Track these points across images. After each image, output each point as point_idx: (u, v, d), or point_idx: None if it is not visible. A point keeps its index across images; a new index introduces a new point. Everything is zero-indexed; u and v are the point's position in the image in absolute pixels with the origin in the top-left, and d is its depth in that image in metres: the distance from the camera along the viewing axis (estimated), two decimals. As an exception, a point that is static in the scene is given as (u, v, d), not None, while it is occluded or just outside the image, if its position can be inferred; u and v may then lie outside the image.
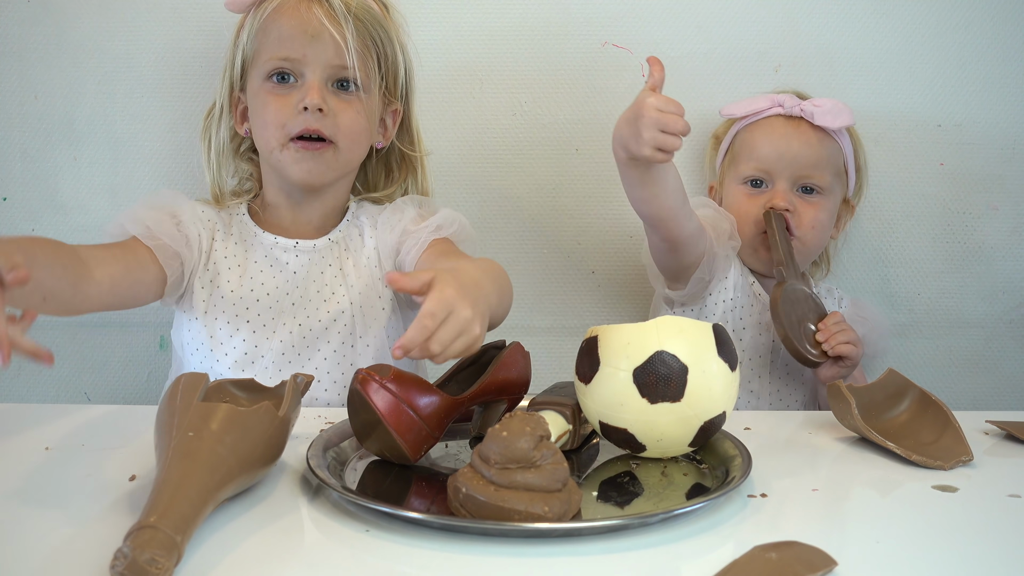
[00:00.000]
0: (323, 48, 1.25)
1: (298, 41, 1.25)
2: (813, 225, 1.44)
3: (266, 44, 1.28)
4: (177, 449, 0.81)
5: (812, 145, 1.44)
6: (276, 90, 1.27)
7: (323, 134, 1.26)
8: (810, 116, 1.44)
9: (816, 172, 1.44)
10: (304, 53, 1.25)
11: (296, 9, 1.27)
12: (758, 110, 1.47)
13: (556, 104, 1.57)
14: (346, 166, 1.32)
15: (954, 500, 0.94)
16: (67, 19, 1.51)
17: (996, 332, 1.64)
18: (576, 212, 1.59)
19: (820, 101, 1.45)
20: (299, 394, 0.98)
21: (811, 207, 1.45)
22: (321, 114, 1.25)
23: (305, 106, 1.24)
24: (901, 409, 1.13)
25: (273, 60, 1.27)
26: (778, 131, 1.45)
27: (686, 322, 1.00)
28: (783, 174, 1.44)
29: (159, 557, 0.71)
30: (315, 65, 1.26)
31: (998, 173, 1.61)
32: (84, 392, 1.59)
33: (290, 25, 1.26)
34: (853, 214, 1.54)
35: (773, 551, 0.78)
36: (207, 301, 1.29)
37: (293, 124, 1.26)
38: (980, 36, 1.58)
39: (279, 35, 1.27)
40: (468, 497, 0.83)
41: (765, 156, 1.45)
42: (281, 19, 1.27)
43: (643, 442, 1.00)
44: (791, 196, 1.44)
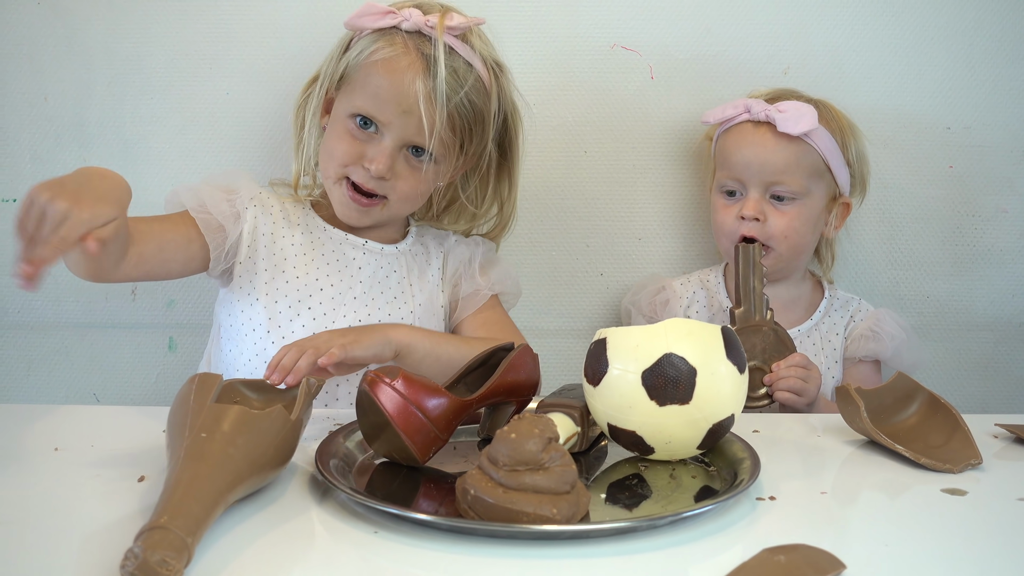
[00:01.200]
0: (408, 123, 1.26)
1: (389, 108, 1.26)
2: (787, 234, 1.43)
3: (362, 87, 1.28)
4: (189, 450, 0.82)
5: (779, 151, 1.42)
6: (354, 131, 1.28)
7: (376, 193, 1.29)
8: (774, 123, 1.42)
9: (786, 178, 1.42)
10: (391, 121, 1.26)
11: (401, 74, 1.25)
12: (729, 117, 1.46)
13: (565, 106, 1.57)
14: (391, 219, 1.35)
15: (963, 503, 0.94)
16: (77, 21, 1.51)
17: (1006, 335, 1.64)
18: (584, 214, 1.59)
19: (784, 105, 1.42)
20: (311, 397, 0.98)
21: (783, 216, 1.43)
22: (383, 180, 1.28)
23: (370, 169, 1.27)
24: (910, 412, 1.13)
25: (362, 109, 1.27)
26: (747, 138, 1.44)
27: (695, 324, 1.00)
28: (753, 181, 1.43)
29: (169, 558, 0.71)
30: (396, 134, 1.27)
31: (1008, 176, 1.61)
32: (93, 393, 1.59)
33: (388, 88, 1.25)
34: (850, 210, 1.51)
35: (782, 554, 0.78)
36: (269, 284, 1.30)
37: (353, 172, 1.28)
38: (990, 38, 1.58)
39: (376, 91, 1.26)
40: (476, 499, 0.83)
41: (735, 164, 1.44)
42: (384, 74, 1.26)
43: (651, 444, 1.00)
44: (763, 205, 1.43)
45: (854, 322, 1.50)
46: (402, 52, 1.26)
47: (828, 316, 1.51)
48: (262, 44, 1.53)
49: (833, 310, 1.52)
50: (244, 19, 1.53)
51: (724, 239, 1.47)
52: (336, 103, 1.32)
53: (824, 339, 1.49)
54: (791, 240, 1.44)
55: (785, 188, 1.42)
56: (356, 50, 1.29)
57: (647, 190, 1.60)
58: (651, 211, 1.60)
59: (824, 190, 1.46)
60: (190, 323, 1.57)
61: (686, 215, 1.60)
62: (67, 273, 1.54)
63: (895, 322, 1.50)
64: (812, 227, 1.46)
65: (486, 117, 1.31)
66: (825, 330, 1.50)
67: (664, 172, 1.59)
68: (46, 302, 1.56)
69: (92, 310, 1.56)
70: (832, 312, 1.52)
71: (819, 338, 1.49)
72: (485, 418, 1.09)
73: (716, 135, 1.50)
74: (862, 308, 1.52)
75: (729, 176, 1.45)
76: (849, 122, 1.48)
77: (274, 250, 1.32)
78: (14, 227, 0.91)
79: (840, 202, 1.48)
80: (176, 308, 1.58)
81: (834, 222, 1.49)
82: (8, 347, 1.58)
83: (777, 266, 1.46)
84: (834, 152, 1.45)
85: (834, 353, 1.49)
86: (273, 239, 1.33)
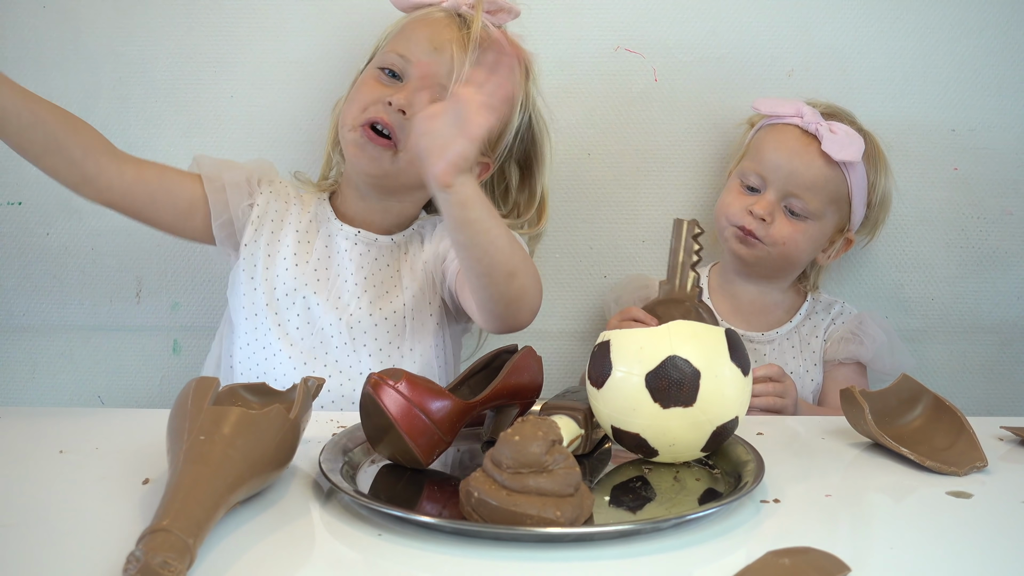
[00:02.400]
0: (439, 63, 1.27)
1: (421, 46, 1.28)
2: (786, 242, 1.42)
3: (397, 37, 1.32)
4: (189, 453, 0.82)
5: (812, 167, 1.41)
6: (381, 78, 1.30)
7: (392, 130, 1.27)
8: (821, 139, 1.41)
9: (807, 194, 1.41)
10: (419, 58, 1.28)
11: (437, 22, 1.30)
12: (780, 114, 1.45)
13: (568, 108, 1.57)
14: (401, 176, 1.31)
15: (968, 506, 0.94)
16: (83, 25, 1.52)
17: (1011, 337, 1.64)
18: (588, 216, 1.59)
19: (837, 127, 1.41)
20: (310, 397, 0.98)
21: (790, 225, 1.42)
22: (401, 115, 1.26)
23: (390, 101, 1.26)
24: (915, 415, 1.12)
25: (391, 54, 1.30)
26: (788, 142, 1.43)
27: (699, 327, 1.00)
28: (775, 184, 1.42)
29: (171, 560, 0.71)
30: (423, 75, 1.27)
31: (1013, 178, 1.61)
32: (98, 396, 1.60)
33: (422, 31, 1.30)
34: (850, 247, 1.51)
35: (786, 557, 0.77)
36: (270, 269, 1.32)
37: (373, 110, 1.28)
38: (995, 41, 1.58)
39: (409, 35, 1.30)
40: (480, 501, 0.83)
41: (766, 160, 1.43)
42: (419, 24, 1.31)
43: (655, 447, 0.99)
44: (775, 209, 1.42)
45: (835, 324, 1.50)
46: (440, 14, 1.31)
47: (809, 319, 1.51)
48: (267, 47, 1.54)
49: (815, 313, 1.52)
50: (249, 22, 1.53)
51: (724, 221, 1.46)
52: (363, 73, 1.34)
53: (803, 342, 1.49)
54: (788, 249, 1.43)
55: (802, 205, 1.41)
56: (395, 25, 1.34)
57: (651, 193, 1.60)
58: (655, 214, 1.60)
59: (837, 220, 1.46)
60: (194, 326, 1.58)
61: (689, 217, 1.60)
62: (71, 276, 1.55)
63: (877, 325, 1.49)
64: (812, 247, 1.45)
65: (513, 97, 1.31)
66: (805, 332, 1.50)
67: (668, 174, 1.59)
68: (51, 305, 1.56)
69: (96, 313, 1.57)
70: (813, 315, 1.52)
71: (798, 340, 1.50)
72: (489, 421, 1.09)
73: (759, 125, 1.49)
74: (844, 311, 1.52)
75: (755, 170, 1.44)
76: (885, 162, 1.49)
77: (279, 236, 1.33)
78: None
79: (845, 236, 1.48)
80: (180, 311, 1.58)
81: (831, 252, 1.49)
82: (13, 350, 1.58)
83: (761, 264, 1.45)
84: (862, 189, 1.45)
85: (813, 356, 1.49)
86: (281, 225, 1.34)
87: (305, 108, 1.55)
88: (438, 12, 1.32)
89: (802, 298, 1.54)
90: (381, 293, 1.33)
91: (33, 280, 1.56)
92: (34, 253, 1.55)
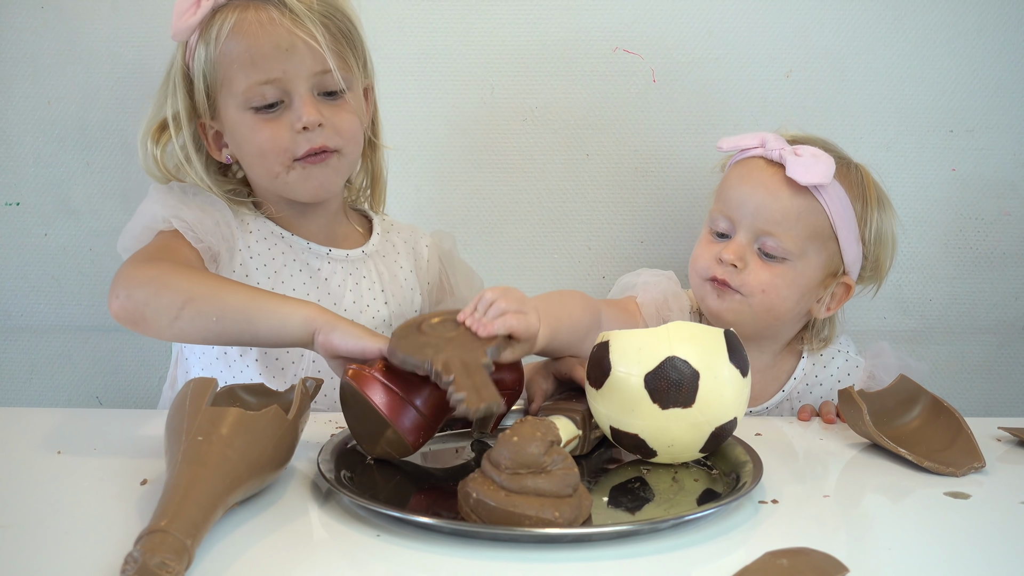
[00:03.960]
0: (301, 60, 1.17)
1: (272, 59, 1.17)
2: (764, 289, 1.23)
3: (235, 68, 1.18)
4: (187, 454, 0.82)
5: (782, 197, 1.23)
6: (263, 116, 1.19)
7: (327, 147, 1.21)
8: (785, 162, 1.23)
9: (779, 230, 1.23)
10: (284, 70, 1.17)
11: (257, 23, 1.17)
12: (743, 147, 1.29)
13: (567, 109, 1.57)
14: (351, 167, 1.29)
15: (966, 507, 0.94)
16: (80, 25, 1.51)
17: (1008, 338, 1.64)
18: (587, 217, 1.59)
19: (802, 150, 1.24)
20: (308, 398, 0.98)
21: (766, 269, 1.24)
22: (321, 128, 1.19)
23: (304, 126, 1.18)
24: (913, 415, 1.13)
25: (253, 88, 1.18)
26: (751, 174, 1.26)
27: (697, 328, 1.01)
28: (743, 224, 1.25)
29: (169, 561, 0.71)
30: (298, 80, 1.18)
31: (1011, 179, 1.61)
32: (96, 396, 1.59)
33: (258, 43, 1.17)
34: (851, 294, 1.30)
35: (784, 557, 0.77)
36: None
37: (296, 146, 1.19)
38: (992, 41, 1.58)
39: (247, 57, 1.17)
40: (479, 502, 0.83)
41: (730, 199, 1.27)
42: (244, 37, 1.17)
43: (654, 447, 0.99)
44: (747, 252, 1.25)
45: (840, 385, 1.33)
46: (239, 12, 1.18)
47: (804, 384, 1.34)
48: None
49: (812, 376, 1.34)
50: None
51: (695, 275, 1.30)
52: (223, 116, 1.22)
53: (794, 409, 1.32)
54: (768, 296, 1.24)
55: (776, 244, 1.23)
56: (200, 56, 1.20)
57: (649, 193, 1.60)
58: (653, 214, 1.60)
59: (824, 260, 1.26)
60: (192, 326, 1.57)
61: (689, 218, 1.60)
62: (69, 276, 1.55)
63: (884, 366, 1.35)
64: (798, 294, 1.25)
65: (349, 13, 1.23)
66: (798, 395, 1.34)
67: (666, 175, 1.59)
68: (49, 305, 1.56)
69: (95, 313, 1.56)
70: (811, 378, 1.34)
71: (789, 409, 1.34)
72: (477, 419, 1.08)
73: (728, 165, 1.34)
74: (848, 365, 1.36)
75: (722, 212, 1.27)
76: (881, 197, 1.31)
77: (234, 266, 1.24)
78: None
79: (840, 281, 1.29)
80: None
81: (828, 302, 1.29)
82: (11, 350, 1.58)
83: (743, 322, 1.25)
84: (846, 220, 1.25)
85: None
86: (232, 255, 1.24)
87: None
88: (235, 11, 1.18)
89: (796, 359, 1.35)
90: (363, 308, 1.29)
91: (31, 281, 1.55)
92: (32, 254, 1.55)
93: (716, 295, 1.27)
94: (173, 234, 1.19)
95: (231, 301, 1.07)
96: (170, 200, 1.22)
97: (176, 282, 1.09)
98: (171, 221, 1.19)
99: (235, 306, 1.07)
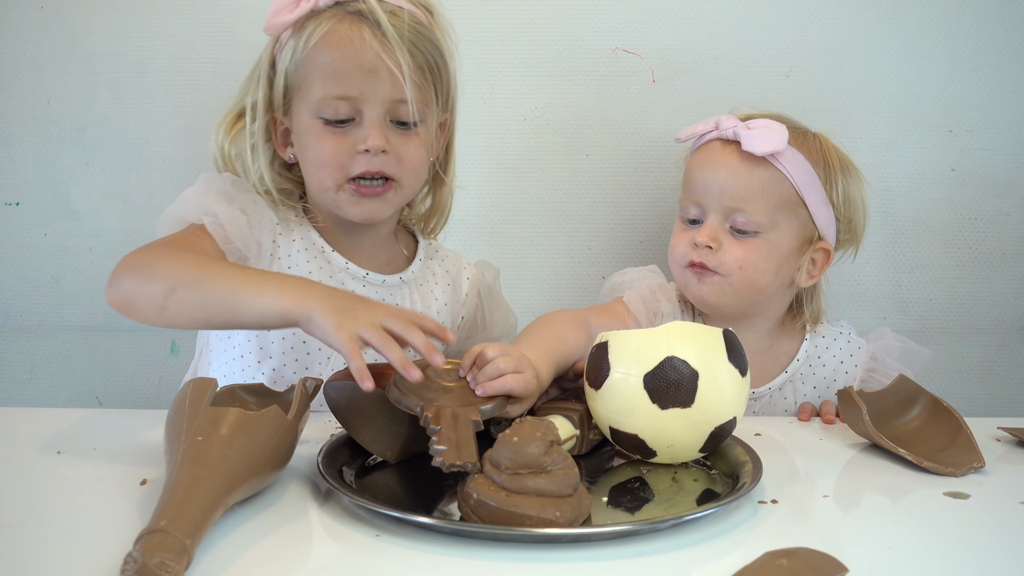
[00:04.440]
0: (380, 84, 1.17)
1: (353, 76, 1.16)
2: (742, 264, 1.26)
3: (316, 76, 1.18)
4: (187, 453, 0.82)
5: (741, 174, 1.26)
6: (331, 129, 1.19)
7: (386, 174, 1.19)
8: (740, 140, 1.26)
9: (748, 206, 1.25)
10: (361, 90, 1.17)
11: (348, 39, 1.17)
12: (699, 133, 1.33)
13: (566, 109, 1.57)
14: (407, 200, 1.27)
15: (965, 507, 0.94)
16: (80, 25, 1.51)
17: (1008, 338, 1.64)
18: (586, 217, 1.59)
19: (754, 122, 1.28)
20: (308, 398, 0.98)
21: (740, 245, 1.26)
22: (384, 155, 1.18)
23: (368, 148, 1.17)
24: (912, 415, 1.13)
25: (328, 100, 1.17)
26: (711, 157, 1.29)
27: (696, 328, 1.01)
28: (712, 206, 1.28)
29: (169, 561, 0.71)
30: (373, 102, 1.17)
31: (1010, 179, 1.61)
32: (96, 396, 1.59)
33: (342, 57, 1.17)
34: (830, 259, 1.32)
35: (784, 557, 0.77)
36: None
37: (353, 165, 1.18)
38: (992, 41, 1.58)
39: (331, 69, 1.17)
40: (479, 502, 0.83)
41: (695, 184, 1.30)
42: (330, 49, 1.17)
43: (653, 447, 0.99)
44: (719, 232, 1.27)
45: (843, 368, 1.36)
46: (335, 22, 1.18)
47: (808, 365, 1.36)
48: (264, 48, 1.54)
49: (815, 358, 1.36)
50: (246, 23, 1.53)
51: (675, 265, 1.33)
52: (295, 117, 1.22)
53: (798, 392, 1.35)
54: (747, 272, 1.26)
55: (746, 219, 1.26)
56: (287, 54, 1.20)
57: (649, 193, 1.60)
58: (653, 214, 1.60)
59: (796, 228, 1.28)
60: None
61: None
62: (69, 277, 1.55)
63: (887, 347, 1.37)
64: (775, 266, 1.28)
65: (442, 48, 1.23)
66: (801, 378, 1.36)
67: (666, 175, 1.59)
68: (48, 305, 1.56)
69: (94, 313, 1.56)
70: (813, 360, 1.36)
71: (792, 391, 1.35)
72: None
73: (688, 154, 1.37)
74: (851, 347, 1.37)
75: (689, 199, 1.30)
76: (844, 161, 1.33)
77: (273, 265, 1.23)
78: None
79: (817, 247, 1.31)
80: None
81: (808, 268, 1.31)
82: (10, 351, 1.58)
83: (731, 306, 1.29)
84: (811, 185, 1.28)
85: (816, 401, 1.33)
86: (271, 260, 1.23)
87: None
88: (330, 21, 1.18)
89: (798, 341, 1.37)
90: None
91: (31, 281, 1.55)
92: (32, 254, 1.55)
93: (697, 279, 1.29)
94: (201, 229, 1.18)
95: (213, 290, 1.06)
96: (211, 193, 1.21)
97: (162, 270, 1.08)
98: (203, 218, 1.18)
99: (216, 296, 1.05)
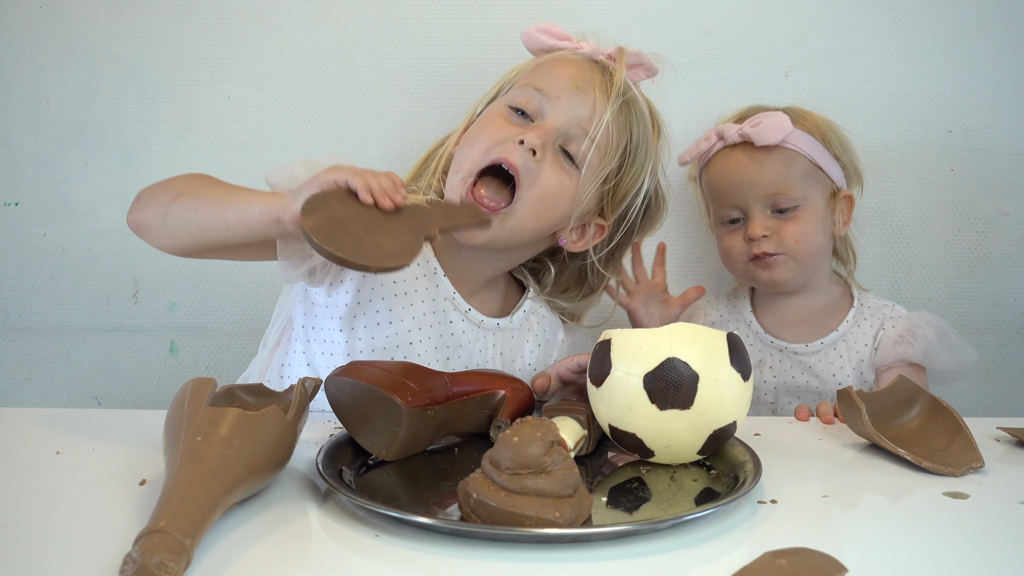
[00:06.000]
0: (578, 103, 1.19)
1: (562, 82, 1.20)
2: (798, 238, 1.39)
3: (533, 72, 1.23)
4: (186, 454, 0.82)
5: (765, 165, 1.39)
6: (511, 117, 1.20)
7: (516, 170, 1.15)
8: (751, 139, 1.38)
9: (783, 188, 1.38)
10: (559, 96, 1.19)
11: (579, 63, 1.22)
12: (704, 150, 1.44)
13: (566, 109, 1.57)
14: (512, 233, 1.19)
15: (965, 507, 0.94)
16: (79, 25, 1.52)
17: (1007, 338, 1.64)
18: (586, 217, 1.59)
19: (756, 119, 1.39)
20: (307, 398, 0.98)
21: (790, 223, 1.39)
22: (531, 156, 1.16)
23: (522, 140, 1.15)
24: (912, 415, 1.13)
25: (527, 88, 1.20)
26: (729, 164, 1.41)
27: (700, 330, 1.00)
28: (750, 202, 1.40)
29: (168, 561, 0.71)
30: (558, 113, 1.18)
31: (1009, 179, 1.61)
32: (95, 396, 1.59)
33: (566, 71, 1.21)
34: (853, 203, 1.45)
35: (783, 557, 0.77)
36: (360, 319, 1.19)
37: (500, 150, 1.16)
38: (991, 41, 1.58)
39: (549, 72, 1.21)
40: (479, 503, 0.83)
41: (726, 192, 1.42)
42: (562, 64, 1.23)
43: (652, 448, 0.99)
44: (767, 220, 1.39)
45: (884, 330, 1.44)
46: (579, 58, 1.24)
47: (856, 326, 1.45)
48: (264, 48, 1.54)
49: (862, 319, 1.46)
50: (246, 23, 1.54)
51: (737, 264, 1.44)
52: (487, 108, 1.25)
53: (851, 349, 1.44)
54: (804, 244, 1.39)
55: (784, 198, 1.38)
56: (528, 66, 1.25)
57: (648, 193, 1.60)
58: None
59: (821, 190, 1.42)
60: (192, 326, 1.58)
61: (688, 218, 1.60)
62: (68, 276, 1.55)
63: (928, 324, 1.43)
64: (821, 228, 1.41)
65: (648, 151, 1.24)
66: (852, 339, 1.45)
67: (666, 175, 1.59)
68: (48, 305, 1.56)
69: (93, 313, 1.57)
70: (861, 321, 1.45)
71: (846, 349, 1.44)
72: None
73: (699, 172, 1.48)
74: (895, 314, 1.45)
75: (727, 205, 1.42)
76: (825, 119, 1.44)
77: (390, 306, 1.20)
78: None
79: (841, 196, 1.44)
80: (178, 311, 1.58)
81: (841, 218, 1.44)
82: (10, 351, 1.58)
83: (799, 277, 1.42)
84: (818, 150, 1.40)
85: (861, 364, 1.43)
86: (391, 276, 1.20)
87: (302, 110, 1.56)
88: (575, 55, 1.25)
89: (849, 301, 1.48)
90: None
91: (30, 281, 1.56)
92: (31, 254, 1.55)
93: (763, 268, 1.42)
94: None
95: (210, 193, 1.08)
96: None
97: (175, 183, 1.11)
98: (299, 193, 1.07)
99: (211, 197, 1.07)
